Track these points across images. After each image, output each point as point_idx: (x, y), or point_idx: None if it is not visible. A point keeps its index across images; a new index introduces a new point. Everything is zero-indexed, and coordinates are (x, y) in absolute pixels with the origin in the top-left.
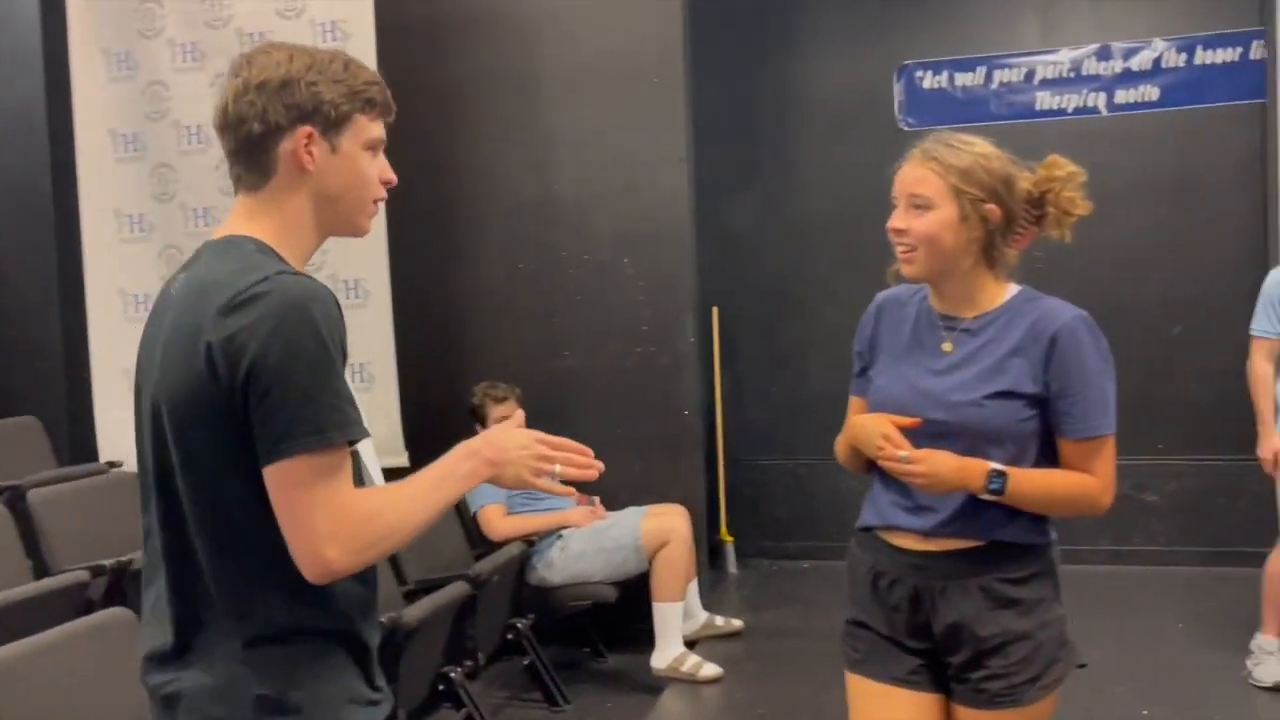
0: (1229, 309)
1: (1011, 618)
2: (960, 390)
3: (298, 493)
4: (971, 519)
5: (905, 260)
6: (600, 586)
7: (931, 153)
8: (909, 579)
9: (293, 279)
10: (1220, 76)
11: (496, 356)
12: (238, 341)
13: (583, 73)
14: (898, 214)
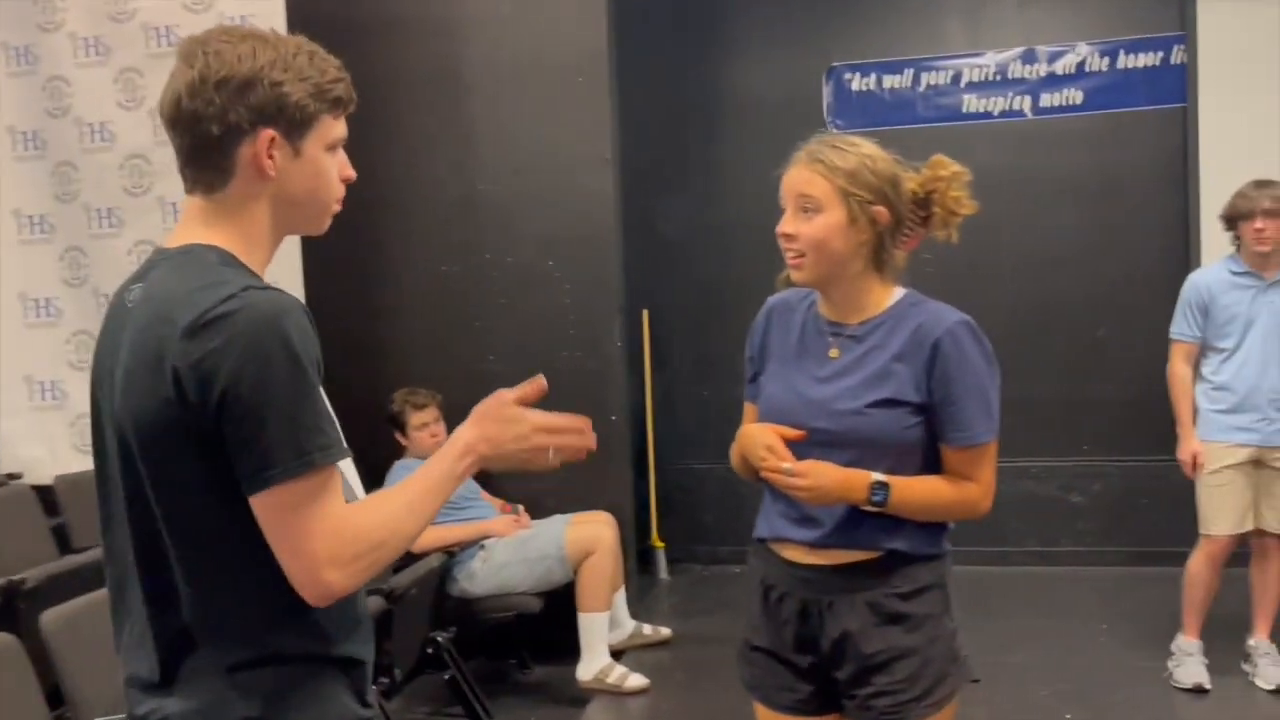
0: (1151, 310)
1: (899, 634)
2: (845, 398)
3: (289, 518)
4: (856, 529)
5: (794, 266)
6: (524, 597)
7: (817, 154)
8: (797, 592)
9: (262, 294)
10: (1142, 80)
11: (418, 361)
12: (207, 366)
13: (506, 72)
14: (786, 218)
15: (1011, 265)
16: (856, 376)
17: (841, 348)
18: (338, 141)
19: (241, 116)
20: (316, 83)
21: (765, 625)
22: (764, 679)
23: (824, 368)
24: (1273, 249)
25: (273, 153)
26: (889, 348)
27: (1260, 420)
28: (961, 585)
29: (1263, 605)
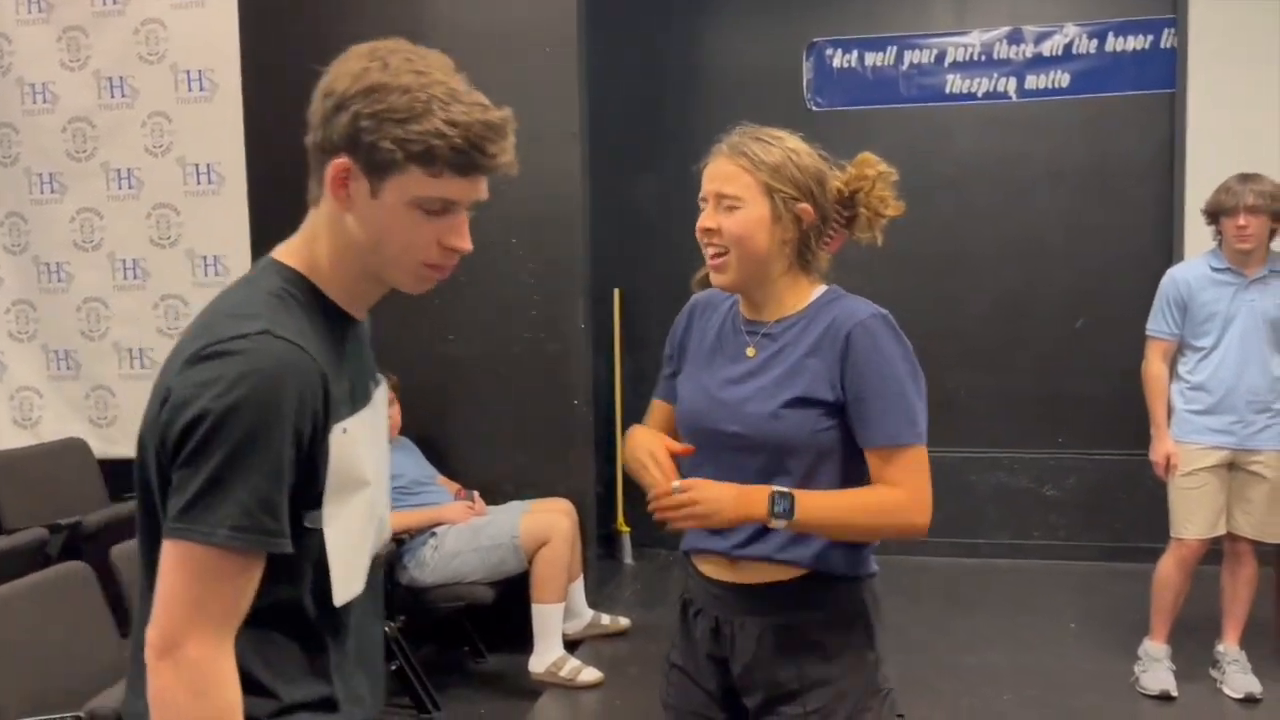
0: (1132, 303)
1: (813, 663)
2: (756, 400)
3: (168, 577)
4: (769, 537)
5: (716, 267)
6: (476, 587)
7: (740, 148)
8: (711, 609)
9: (275, 344)
10: (1131, 64)
11: (373, 341)
12: (184, 396)
13: (469, 39)
14: (707, 213)
15: (991, 252)
16: (769, 376)
17: (758, 346)
18: (430, 202)
19: (330, 132)
20: (408, 130)
21: (683, 642)
22: (679, 700)
23: (738, 367)
24: (1255, 246)
25: (348, 183)
26: (802, 344)
27: (1236, 422)
28: (933, 578)
29: (1233, 612)
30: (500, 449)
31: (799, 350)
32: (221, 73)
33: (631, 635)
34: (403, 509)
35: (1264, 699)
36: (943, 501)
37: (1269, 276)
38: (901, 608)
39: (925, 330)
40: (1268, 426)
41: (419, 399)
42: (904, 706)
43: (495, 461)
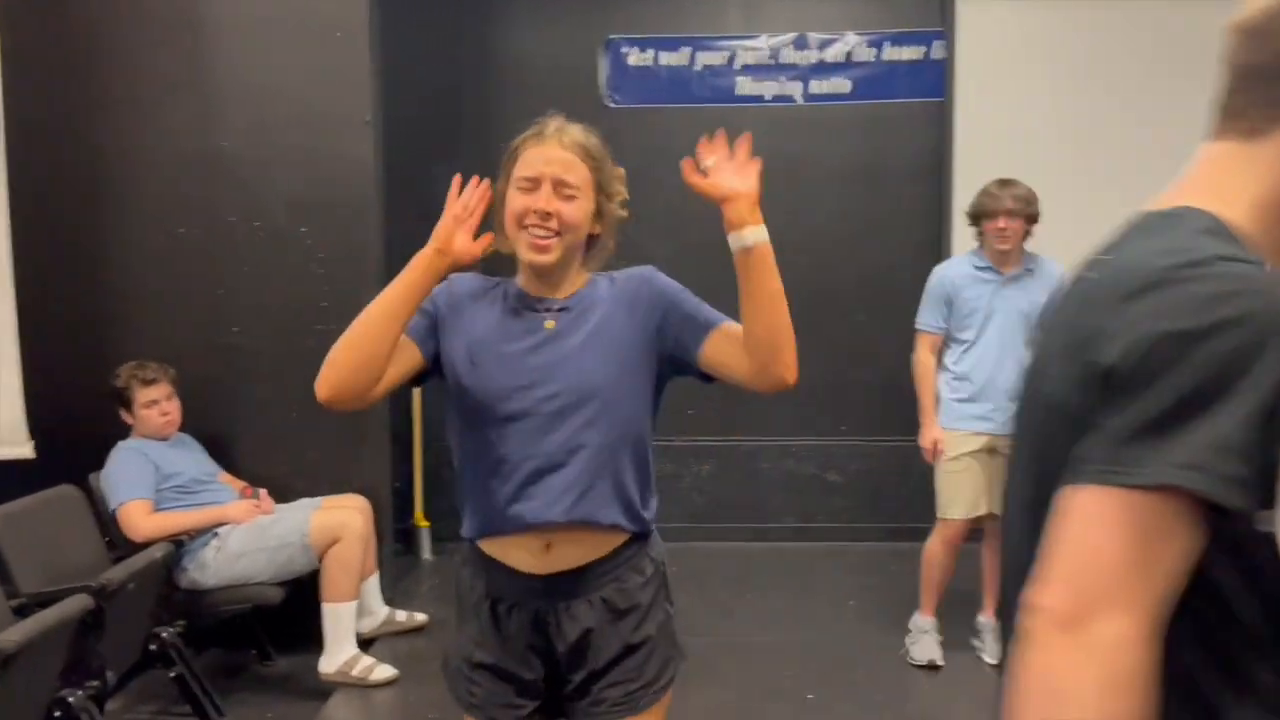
0: (907, 297)
1: (631, 627)
2: (574, 357)
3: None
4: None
5: (543, 247)
6: (263, 588)
7: (576, 139)
8: (529, 603)
9: (1249, 270)
10: (906, 73)
11: (150, 332)
12: (1145, 327)
13: (255, 21)
14: (544, 196)
15: (780, 248)
16: (579, 335)
17: (556, 319)
18: None
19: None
20: None
21: (493, 640)
22: (488, 697)
23: (540, 336)
24: (1013, 247)
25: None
26: (602, 304)
27: (995, 410)
28: (724, 561)
29: (993, 585)
30: (289, 445)
31: (601, 308)
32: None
33: (429, 631)
34: (182, 509)
35: None
36: (732, 487)
37: (1024, 275)
38: (692, 592)
39: None
40: None
41: (200, 393)
42: (691, 686)
43: (283, 458)
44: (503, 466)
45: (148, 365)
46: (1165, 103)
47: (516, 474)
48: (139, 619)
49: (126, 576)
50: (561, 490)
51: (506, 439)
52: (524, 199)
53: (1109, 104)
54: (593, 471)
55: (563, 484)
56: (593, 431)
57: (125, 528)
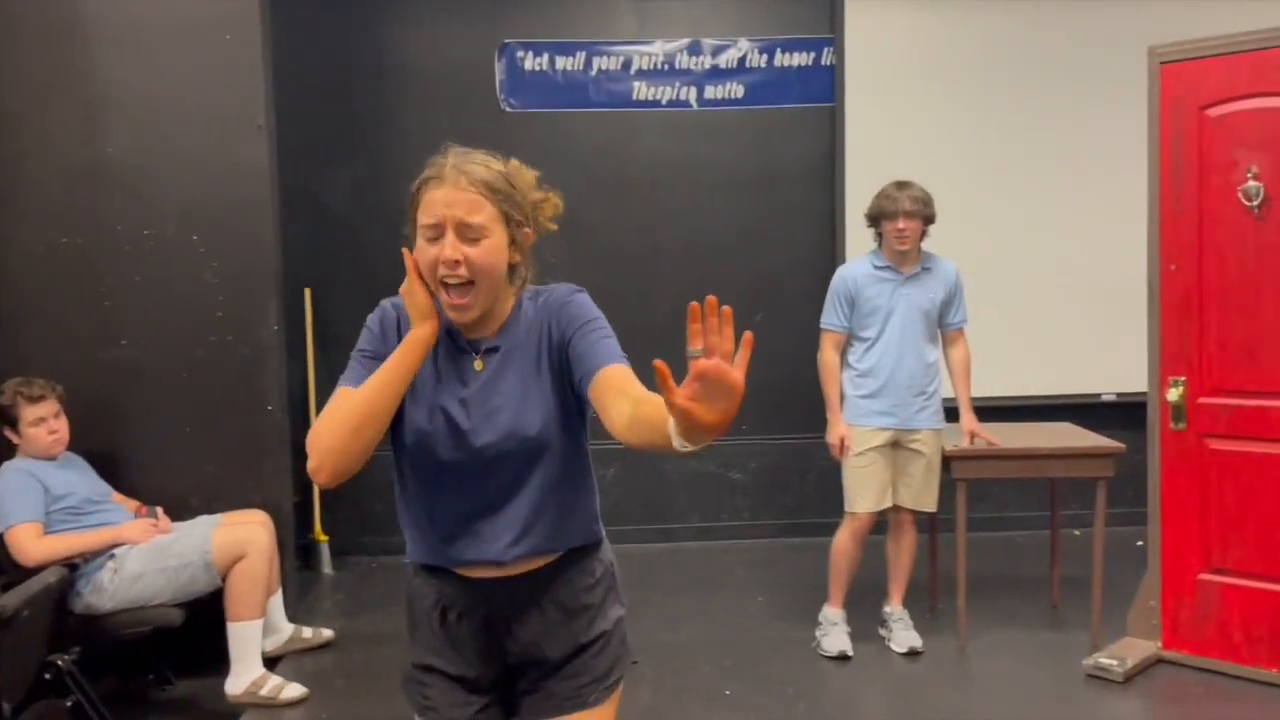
0: (802, 298)
1: (583, 627)
2: (509, 406)
3: None
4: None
5: (462, 306)
6: (163, 609)
7: (472, 174)
8: (480, 608)
9: None
10: (797, 79)
11: (33, 347)
12: None
13: (140, 23)
14: (449, 244)
15: (675, 252)
16: (507, 381)
17: (485, 361)
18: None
19: None
20: None
21: (444, 646)
22: (439, 699)
23: (470, 384)
24: (911, 247)
25: None
26: (529, 343)
27: (897, 405)
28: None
29: (897, 575)
30: (185, 461)
31: (526, 349)
32: None
33: (336, 647)
34: (75, 530)
35: (924, 651)
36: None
37: (922, 273)
38: None
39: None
40: (924, 408)
41: (88, 410)
42: None
43: (179, 474)
44: (441, 509)
45: (34, 382)
46: (1049, 106)
47: (455, 517)
48: (33, 647)
49: (20, 603)
50: (503, 531)
51: (443, 483)
52: (431, 250)
53: (994, 108)
54: (535, 509)
55: (504, 525)
56: (531, 474)
57: (15, 552)
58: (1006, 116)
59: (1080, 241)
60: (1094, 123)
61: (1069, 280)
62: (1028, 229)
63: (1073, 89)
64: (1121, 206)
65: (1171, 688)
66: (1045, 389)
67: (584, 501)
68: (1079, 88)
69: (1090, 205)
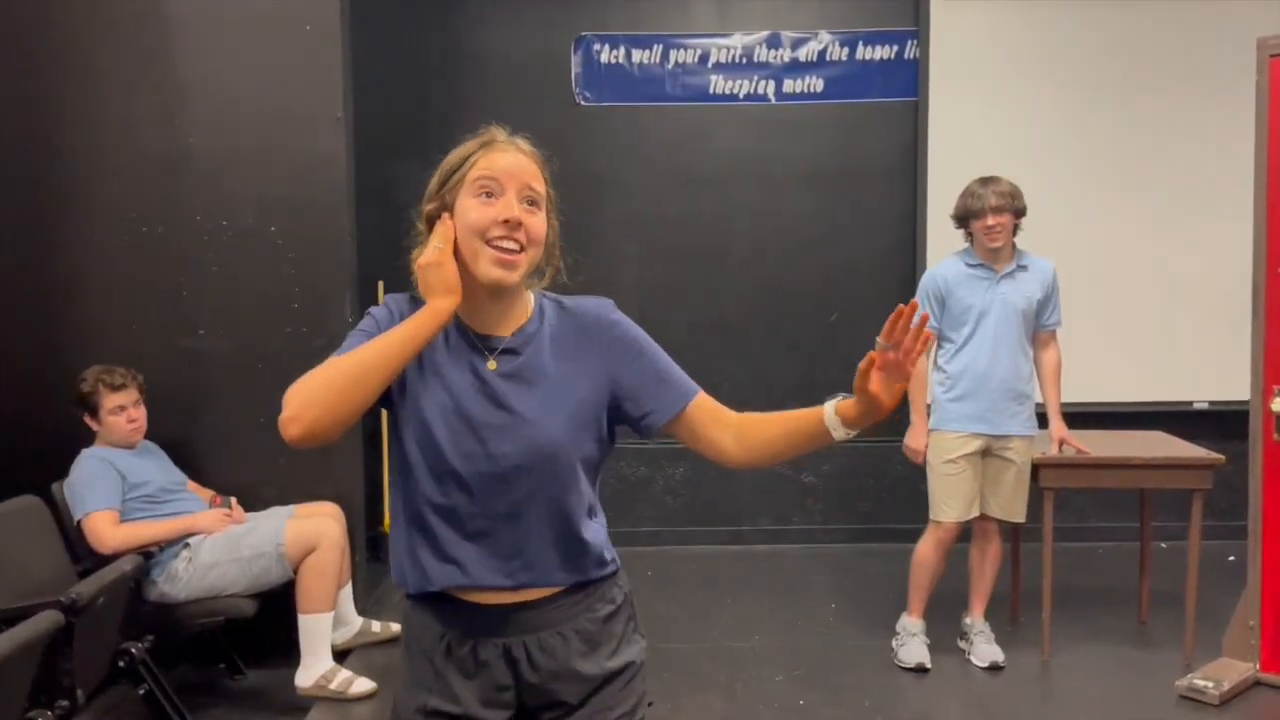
0: (880, 297)
1: (604, 658)
2: (527, 413)
3: None
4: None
5: (511, 263)
6: (236, 600)
7: (532, 150)
8: (495, 637)
9: None
10: (878, 73)
11: (112, 335)
12: None
13: (221, 16)
14: (511, 204)
15: (751, 248)
16: (529, 385)
17: (500, 362)
18: None
19: None
20: None
21: (452, 685)
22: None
23: (486, 388)
24: (1004, 243)
25: None
26: (551, 343)
27: (990, 409)
28: (698, 565)
29: (979, 586)
30: (258, 451)
31: (547, 352)
32: None
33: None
34: (150, 519)
35: (1006, 666)
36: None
37: (1017, 271)
38: (671, 596)
39: (690, 322)
40: (1017, 413)
41: (166, 398)
42: (680, 693)
43: (253, 464)
44: (450, 523)
45: (115, 370)
46: (1137, 102)
47: (457, 534)
48: (108, 635)
49: (96, 591)
50: (512, 552)
51: (449, 495)
52: (486, 210)
53: (1081, 103)
54: (546, 533)
55: (511, 547)
56: (545, 492)
57: (92, 539)
58: (1099, 112)
59: (1176, 242)
60: (1194, 118)
61: (1163, 282)
62: (1119, 228)
63: (1171, 82)
64: (1223, 206)
65: (1270, 712)
66: (1134, 395)
67: (597, 526)
68: (1178, 81)
69: (1188, 204)
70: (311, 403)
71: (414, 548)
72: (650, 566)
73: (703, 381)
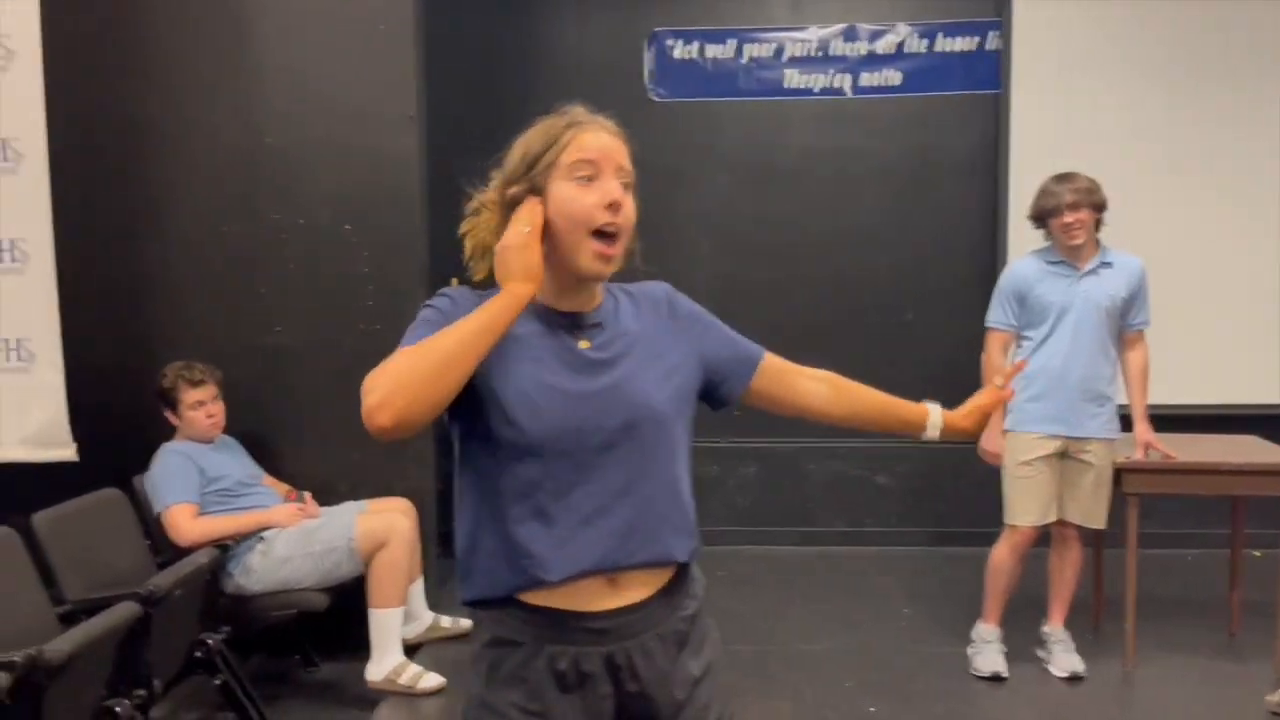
0: (957, 295)
1: (696, 656)
2: (630, 382)
3: None
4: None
5: (610, 256)
6: (309, 594)
7: (616, 128)
8: (599, 647)
9: None
10: (959, 65)
11: (191, 331)
12: None
13: (297, 15)
14: (613, 186)
15: (825, 244)
16: (626, 356)
17: (590, 338)
18: None
19: None
20: None
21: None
22: None
23: (582, 361)
24: (1085, 240)
25: None
26: (634, 324)
27: (1067, 410)
28: (768, 566)
29: (1059, 594)
30: (333, 446)
31: (633, 328)
32: (19, 38)
33: (474, 637)
34: (227, 513)
35: (1086, 677)
36: (779, 491)
37: (1100, 268)
38: (743, 597)
39: (764, 319)
40: (1097, 415)
41: (243, 394)
42: (747, 695)
43: (328, 460)
44: (556, 510)
45: (194, 366)
46: (1228, 98)
47: (574, 515)
48: (185, 626)
49: (174, 583)
50: (629, 529)
51: (558, 477)
52: (587, 194)
53: (1171, 97)
54: (658, 503)
55: (626, 522)
56: (654, 461)
57: (170, 531)
58: (1185, 106)
59: (1271, 240)
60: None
61: (1256, 282)
62: (1209, 226)
63: (1267, 75)
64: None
65: None
66: (1223, 397)
67: (691, 504)
68: (1263, 78)
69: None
70: (399, 389)
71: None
72: (720, 566)
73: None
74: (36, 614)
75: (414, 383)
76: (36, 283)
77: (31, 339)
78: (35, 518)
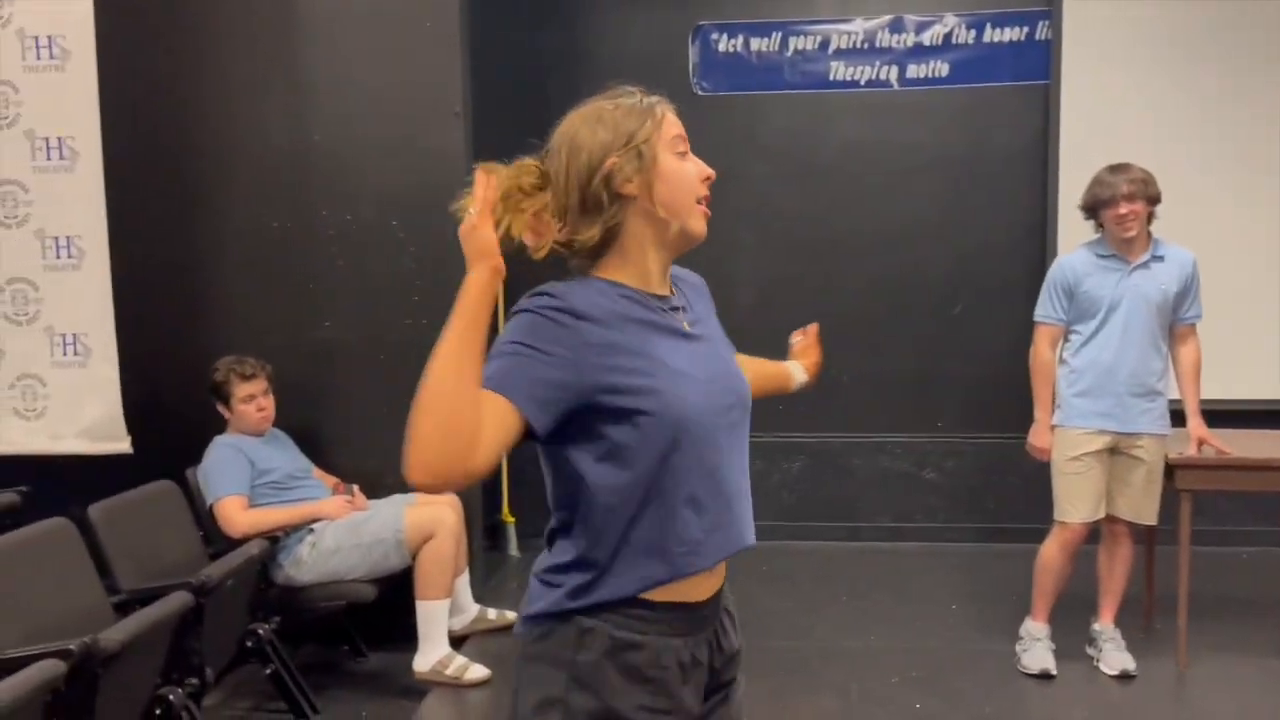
0: (1007, 288)
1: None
2: (726, 362)
3: None
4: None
5: (708, 214)
6: (357, 585)
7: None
8: (702, 633)
9: None
10: (1008, 55)
11: (242, 326)
12: None
13: (346, 14)
14: (701, 162)
15: (871, 237)
16: (711, 340)
17: (686, 320)
18: None
19: None
20: None
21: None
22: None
23: (689, 344)
24: (1138, 232)
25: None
26: (699, 307)
27: (1117, 405)
28: (815, 562)
29: (1109, 591)
30: (381, 440)
31: (702, 313)
32: (74, 38)
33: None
34: (277, 505)
35: (1138, 675)
36: (824, 485)
37: (1152, 262)
38: (785, 592)
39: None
40: (1147, 410)
41: (293, 388)
42: (792, 692)
43: (375, 453)
44: (705, 495)
45: (246, 360)
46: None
47: (720, 499)
48: (236, 616)
49: (226, 573)
50: (747, 509)
51: (706, 461)
52: (690, 166)
53: (1222, 87)
54: (746, 487)
55: (746, 503)
56: (746, 439)
57: (222, 523)
58: (1237, 97)
59: None
60: None
61: None
62: (1264, 217)
63: None
64: None
65: None
66: (1275, 393)
67: None
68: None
69: None
70: (415, 441)
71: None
72: (765, 562)
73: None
74: (92, 603)
75: (424, 430)
76: (92, 279)
77: (88, 334)
78: (91, 509)
